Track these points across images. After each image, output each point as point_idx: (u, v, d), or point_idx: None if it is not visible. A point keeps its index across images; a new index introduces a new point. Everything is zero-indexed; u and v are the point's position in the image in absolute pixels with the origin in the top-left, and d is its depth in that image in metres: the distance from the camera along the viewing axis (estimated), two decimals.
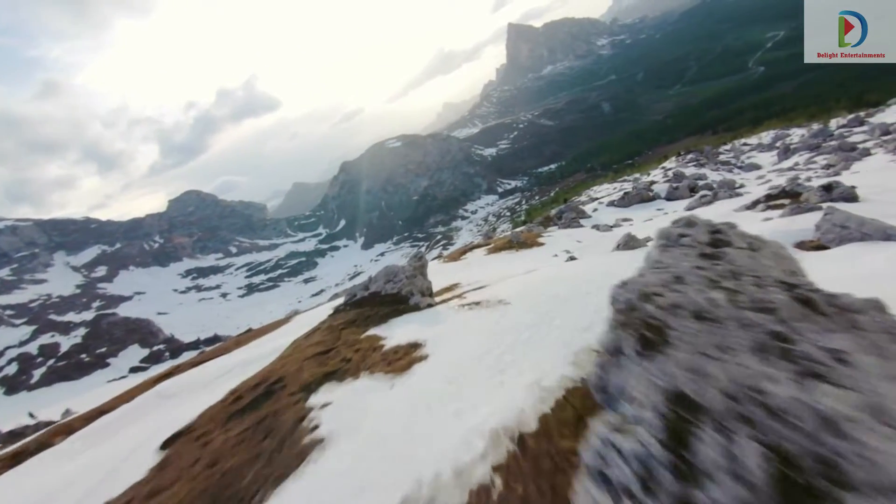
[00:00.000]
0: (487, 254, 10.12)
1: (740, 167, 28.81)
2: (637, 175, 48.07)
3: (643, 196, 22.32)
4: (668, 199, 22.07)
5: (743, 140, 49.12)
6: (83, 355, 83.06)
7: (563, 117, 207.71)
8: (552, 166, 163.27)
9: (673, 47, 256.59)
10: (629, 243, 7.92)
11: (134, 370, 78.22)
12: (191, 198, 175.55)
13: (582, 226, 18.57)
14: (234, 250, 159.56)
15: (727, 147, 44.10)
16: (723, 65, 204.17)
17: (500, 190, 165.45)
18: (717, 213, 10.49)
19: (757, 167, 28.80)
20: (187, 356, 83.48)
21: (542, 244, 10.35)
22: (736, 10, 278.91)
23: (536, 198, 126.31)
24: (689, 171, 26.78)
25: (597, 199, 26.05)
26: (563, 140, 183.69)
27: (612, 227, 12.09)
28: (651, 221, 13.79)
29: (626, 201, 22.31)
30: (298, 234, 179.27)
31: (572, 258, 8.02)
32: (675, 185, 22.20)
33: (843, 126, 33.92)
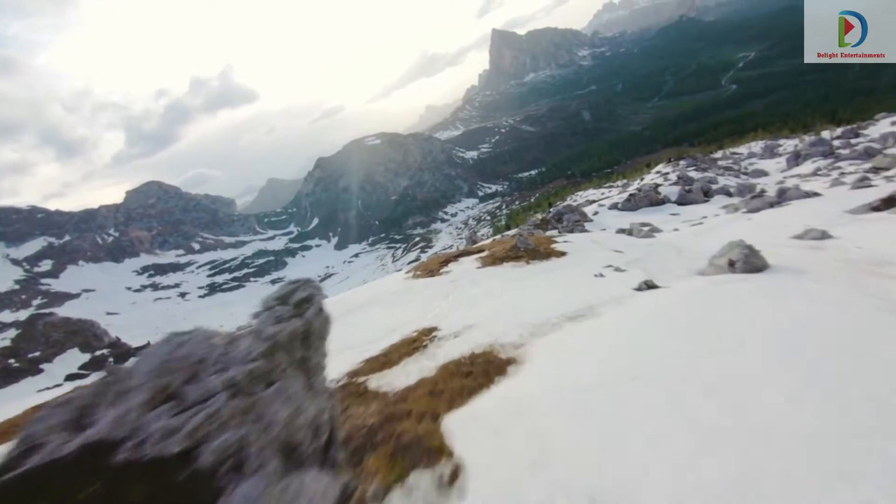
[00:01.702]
0: (481, 266, 6.66)
1: (745, 173, 26.65)
2: (625, 181, 45.95)
3: (652, 199, 19.34)
4: (680, 202, 19.24)
5: (731, 149, 48.09)
6: (11, 360, 73.82)
7: (545, 124, 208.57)
8: (532, 172, 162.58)
9: (651, 62, 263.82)
10: (749, 261, 4.57)
11: (71, 378, 69.85)
12: (152, 189, 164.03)
13: (588, 230, 15.32)
14: (196, 247, 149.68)
15: (717, 155, 42.70)
16: (698, 81, 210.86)
17: (480, 193, 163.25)
18: (823, 215, 7.45)
19: (764, 173, 26.67)
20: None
21: (561, 253, 7.00)
22: (710, 30, 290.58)
23: (517, 202, 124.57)
24: (695, 175, 24.17)
25: (595, 201, 23.00)
26: (543, 146, 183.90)
27: (651, 232, 8.74)
28: (684, 226, 10.60)
29: (632, 204, 19.26)
30: (268, 232, 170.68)
31: (651, 286, 4.23)
32: (686, 187, 19.29)
33: (839, 137, 33.02)
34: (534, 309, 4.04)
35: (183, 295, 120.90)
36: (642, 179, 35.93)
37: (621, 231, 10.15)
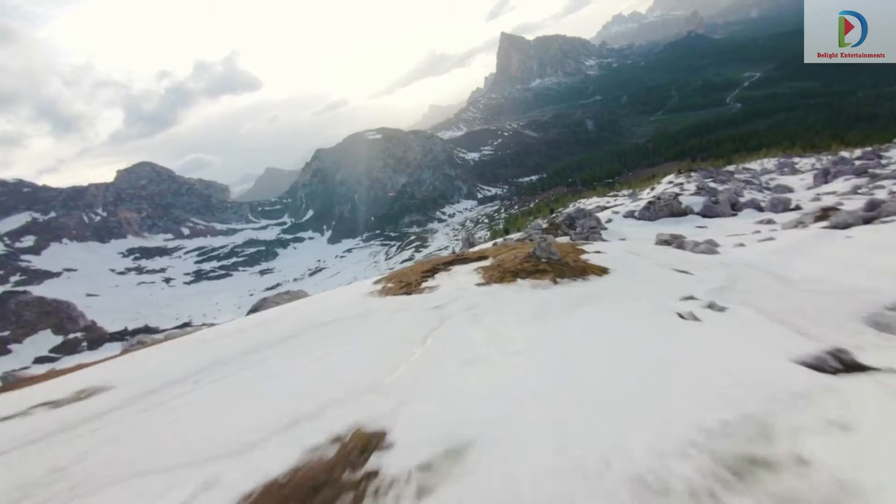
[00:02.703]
0: (484, 281, 4.42)
1: (767, 188, 24.70)
2: (630, 191, 44.03)
3: (673, 209, 17.20)
4: (705, 214, 17.16)
5: (742, 165, 46.30)
6: None
7: (548, 130, 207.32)
8: (533, 177, 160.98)
9: (657, 75, 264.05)
10: None
11: (40, 360, 66.66)
12: (144, 170, 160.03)
13: (605, 239, 13.16)
14: (186, 232, 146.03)
15: (730, 168, 40.94)
16: (702, 97, 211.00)
17: (479, 196, 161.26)
18: None
19: (788, 189, 24.71)
20: (108, 349, 72.39)
21: (601, 270, 4.80)
22: (717, 48, 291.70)
23: (516, 207, 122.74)
24: (716, 187, 22.14)
25: (606, 208, 20.85)
26: (546, 152, 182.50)
27: (711, 247, 6.55)
28: (747, 241, 8.57)
29: (651, 213, 17.10)
30: (261, 221, 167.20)
31: (850, 364, 1.91)
32: (712, 199, 17.17)
33: (860, 158, 31.76)
34: (601, 407, 1.79)
35: (168, 280, 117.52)
36: (653, 189, 33.91)
37: (663, 243, 7.94)
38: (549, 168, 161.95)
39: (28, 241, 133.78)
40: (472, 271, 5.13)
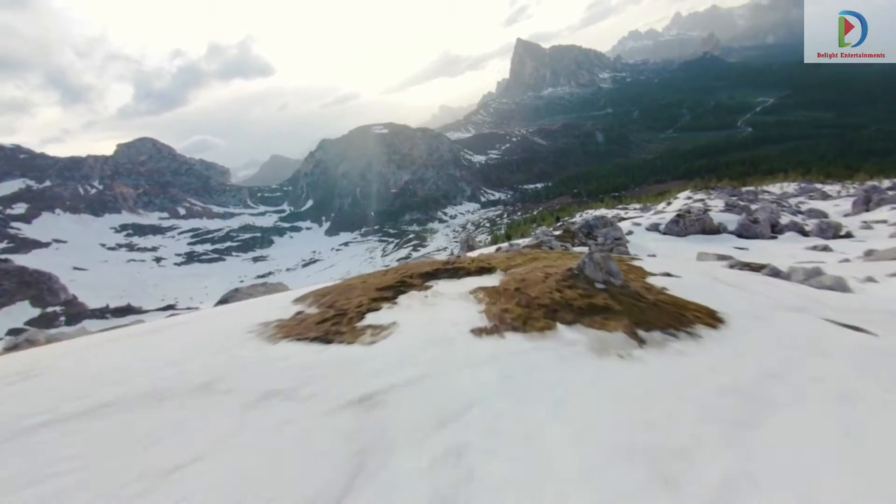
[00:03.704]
0: (488, 326, 2.25)
1: (800, 212, 22.57)
2: (641, 204, 41.90)
3: (705, 225, 15.03)
4: (742, 234, 15.04)
5: (762, 186, 44.32)
6: None
7: (557, 139, 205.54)
8: (538, 185, 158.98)
9: (669, 93, 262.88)
10: None
11: (13, 332, 64.03)
12: (145, 145, 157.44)
13: (631, 253, 10.92)
14: (182, 211, 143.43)
15: (749, 189, 39.00)
16: (714, 118, 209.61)
17: (483, 199, 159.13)
18: None
19: (822, 214, 22.64)
20: (88, 325, 69.75)
21: (710, 318, 2.66)
22: (731, 70, 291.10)
23: (519, 213, 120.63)
24: (750, 206, 20.07)
25: (625, 219, 18.65)
26: (553, 161, 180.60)
27: (838, 280, 4.31)
28: (851, 270, 6.38)
29: (680, 228, 14.92)
30: (259, 207, 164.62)
31: None
32: (750, 217, 14.99)
33: (892, 188, 30.09)
34: None
35: (158, 260, 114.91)
36: (669, 203, 31.79)
37: (733, 266, 5.72)
38: (555, 177, 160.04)
39: (20, 208, 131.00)
40: (466, 295, 2.96)
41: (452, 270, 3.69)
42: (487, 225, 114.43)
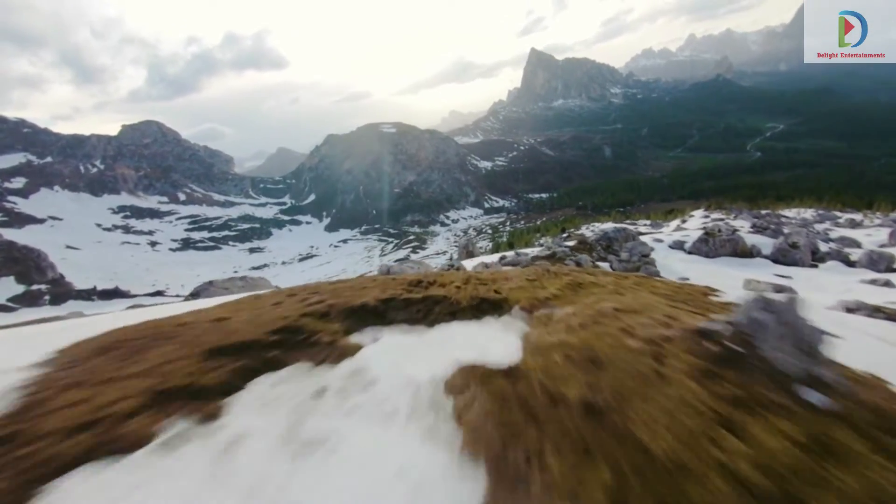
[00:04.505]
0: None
1: (832, 240, 20.79)
2: (650, 221, 40.06)
3: (738, 247, 13.26)
4: (778, 260, 13.25)
5: (778, 210, 42.49)
6: None
7: (565, 150, 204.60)
8: (543, 195, 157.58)
9: (679, 113, 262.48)
10: None
11: None
12: (150, 128, 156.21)
13: (660, 274, 9.19)
14: (182, 197, 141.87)
15: (768, 212, 37.23)
16: (723, 141, 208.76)
17: (486, 205, 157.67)
18: None
19: (856, 243, 20.82)
20: (72, 305, 67.43)
21: None
22: (743, 94, 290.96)
23: (522, 222, 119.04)
24: (783, 228, 18.33)
25: (643, 234, 16.85)
26: (559, 172, 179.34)
27: None
28: None
29: (709, 249, 13.15)
30: (260, 198, 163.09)
31: None
32: (789, 242, 13.22)
33: None
34: None
35: (153, 244, 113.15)
36: (684, 221, 30.01)
37: (873, 313, 3.86)
38: (560, 188, 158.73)
39: (18, 182, 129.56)
40: (424, 409, 1.31)
41: (423, 303, 1.89)
42: (489, 231, 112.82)
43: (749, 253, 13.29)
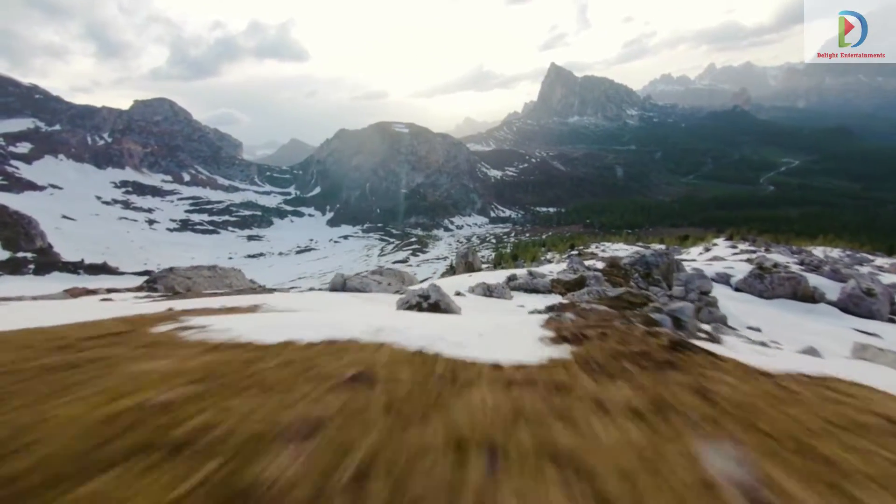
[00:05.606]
0: None
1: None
2: (667, 246, 37.38)
3: (798, 289, 10.78)
4: (847, 309, 10.70)
5: (802, 247, 39.85)
6: None
7: (576, 167, 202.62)
8: (551, 209, 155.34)
9: (695, 140, 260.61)
10: None
11: None
12: (162, 105, 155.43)
13: (731, 325, 6.70)
14: (186, 178, 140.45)
15: (797, 249, 34.64)
16: (736, 172, 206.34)
17: (492, 214, 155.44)
18: None
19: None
20: (55, 277, 64.89)
21: None
22: (760, 127, 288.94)
23: (527, 234, 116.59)
24: (841, 269, 15.92)
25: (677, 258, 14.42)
26: (569, 187, 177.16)
27: None
28: None
29: (765, 287, 10.68)
30: (265, 186, 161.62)
31: None
32: (861, 288, 10.69)
33: None
34: None
35: (151, 223, 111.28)
36: (708, 250, 27.55)
37: None
38: (568, 204, 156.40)
39: (23, 147, 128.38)
40: None
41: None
42: (493, 241, 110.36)
43: (811, 297, 10.80)
